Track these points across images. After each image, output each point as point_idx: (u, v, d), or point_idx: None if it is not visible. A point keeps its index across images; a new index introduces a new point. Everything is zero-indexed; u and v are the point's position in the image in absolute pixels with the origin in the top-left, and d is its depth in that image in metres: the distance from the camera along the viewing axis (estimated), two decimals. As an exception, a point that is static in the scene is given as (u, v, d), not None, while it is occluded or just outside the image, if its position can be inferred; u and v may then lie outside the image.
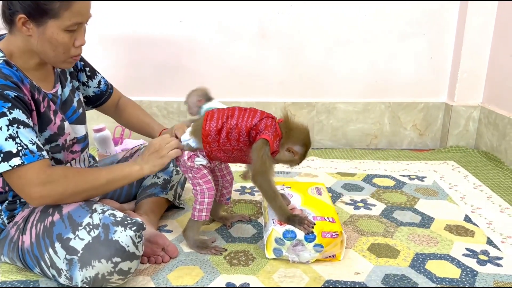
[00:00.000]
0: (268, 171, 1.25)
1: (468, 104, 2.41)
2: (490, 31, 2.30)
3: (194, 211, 1.35)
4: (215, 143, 1.28)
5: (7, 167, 1.07)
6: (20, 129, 1.09)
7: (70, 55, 1.19)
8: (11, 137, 1.07)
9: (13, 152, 1.07)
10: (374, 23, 2.36)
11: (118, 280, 1.11)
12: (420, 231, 1.51)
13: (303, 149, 1.27)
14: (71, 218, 1.13)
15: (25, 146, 1.09)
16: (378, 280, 1.24)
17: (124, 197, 1.61)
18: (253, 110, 1.31)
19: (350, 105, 2.48)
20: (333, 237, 1.28)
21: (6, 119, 1.07)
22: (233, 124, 1.27)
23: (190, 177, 1.34)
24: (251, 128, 1.26)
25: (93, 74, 1.50)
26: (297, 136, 1.27)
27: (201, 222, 1.37)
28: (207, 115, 1.30)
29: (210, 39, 2.40)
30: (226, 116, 1.29)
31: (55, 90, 1.28)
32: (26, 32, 1.13)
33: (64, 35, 1.14)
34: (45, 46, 1.15)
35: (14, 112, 1.08)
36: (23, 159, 1.08)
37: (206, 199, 1.33)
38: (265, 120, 1.27)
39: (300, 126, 1.29)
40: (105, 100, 1.55)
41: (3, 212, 1.25)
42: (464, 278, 1.25)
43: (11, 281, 1.24)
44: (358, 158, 2.32)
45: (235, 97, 2.48)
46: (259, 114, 1.29)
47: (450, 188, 1.89)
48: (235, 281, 1.24)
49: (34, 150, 1.10)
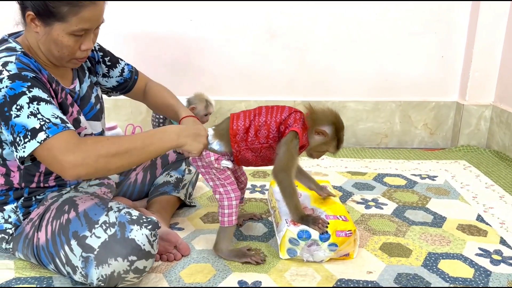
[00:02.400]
0: (291, 168, 1.24)
1: (480, 103, 2.40)
2: (502, 30, 2.28)
3: (223, 217, 1.30)
4: (243, 142, 1.27)
5: (36, 144, 1.04)
6: (41, 105, 1.07)
7: (75, 57, 1.18)
8: (32, 114, 1.05)
9: (36, 127, 1.04)
10: (384, 22, 2.35)
11: (134, 278, 1.12)
12: (432, 230, 1.51)
13: (331, 128, 1.25)
14: (87, 216, 1.14)
15: (48, 120, 1.06)
16: (391, 279, 1.24)
17: (136, 195, 1.62)
18: (280, 106, 1.31)
19: (360, 104, 2.47)
20: (347, 236, 1.28)
21: (26, 97, 1.06)
22: (262, 121, 1.27)
23: (212, 178, 1.30)
24: (281, 123, 1.26)
25: (115, 63, 1.45)
26: (322, 117, 1.26)
27: (233, 228, 1.32)
28: (233, 116, 1.30)
29: (219, 38, 2.40)
30: (254, 115, 1.28)
31: (73, 86, 1.29)
32: (34, 28, 1.13)
33: (69, 39, 1.12)
34: (50, 46, 1.14)
35: (34, 90, 1.07)
36: (48, 132, 1.04)
37: (234, 201, 1.30)
38: (294, 114, 1.27)
39: (324, 109, 1.28)
40: (131, 87, 1.50)
41: (19, 209, 1.26)
42: (478, 278, 1.24)
43: (25, 277, 1.26)
44: (369, 157, 2.31)
45: (244, 96, 2.49)
46: (288, 109, 1.29)
47: (462, 187, 1.88)
48: (247, 279, 1.24)
49: (58, 123, 1.06)
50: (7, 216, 1.26)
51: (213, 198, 1.79)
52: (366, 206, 1.70)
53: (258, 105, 2.43)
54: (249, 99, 2.48)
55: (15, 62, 1.09)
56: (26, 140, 1.04)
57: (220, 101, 2.48)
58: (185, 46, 2.42)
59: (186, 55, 2.44)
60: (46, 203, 1.25)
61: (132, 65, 1.52)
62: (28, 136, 1.04)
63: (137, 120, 2.50)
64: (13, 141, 1.07)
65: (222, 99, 2.48)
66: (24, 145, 1.05)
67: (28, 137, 1.04)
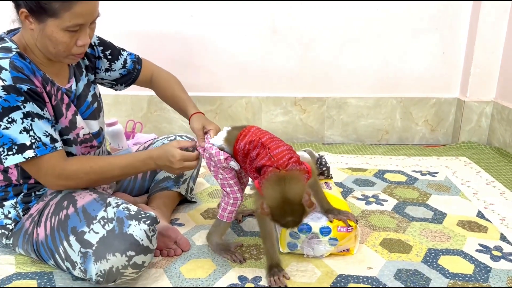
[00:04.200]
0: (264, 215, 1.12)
1: (481, 99, 2.39)
2: (504, 26, 2.27)
3: (224, 211, 1.31)
4: (243, 163, 1.26)
5: (21, 159, 1.10)
6: (35, 121, 1.10)
7: (72, 53, 1.17)
8: (25, 129, 1.09)
9: (26, 144, 1.09)
10: (386, 18, 2.34)
11: (132, 273, 1.12)
12: (433, 226, 1.51)
13: (268, 211, 1.07)
14: (86, 212, 1.14)
15: (39, 138, 1.11)
16: (391, 275, 1.24)
17: (137, 190, 1.62)
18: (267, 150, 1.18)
19: (361, 100, 2.47)
20: (348, 231, 1.29)
21: (21, 112, 1.08)
22: (251, 157, 1.22)
23: (221, 177, 1.30)
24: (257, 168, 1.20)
25: (117, 55, 1.44)
26: (268, 193, 1.09)
27: (227, 224, 1.34)
28: (241, 134, 1.26)
29: (220, 33, 2.40)
30: (253, 145, 1.22)
31: (69, 85, 1.28)
32: (28, 25, 1.12)
33: (64, 35, 1.11)
34: (45, 42, 1.13)
35: (28, 105, 1.09)
36: (36, 152, 1.10)
37: (239, 201, 1.31)
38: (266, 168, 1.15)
39: (276, 188, 1.08)
40: (135, 78, 1.50)
41: (19, 205, 1.26)
42: (478, 274, 1.24)
43: (26, 272, 1.26)
44: (369, 153, 2.31)
45: (246, 92, 2.48)
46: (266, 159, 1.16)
47: (462, 184, 1.88)
48: (247, 275, 1.24)
49: (47, 143, 1.12)
50: (7, 212, 1.26)
51: (213, 194, 1.79)
52: (366, 202, 1.70)
53: (259, 101, 2.48)
54: (250, 95, 2.48)
55: (10, 70, 1.08)
56: (10, 153, 1.10)
57: (221, 97, 2.48)
58: (186, 41, 2.41)
59: (187, 51, 2.43)
60: (46, 199, 1.25)
61: (136, 54, 1.50)
62: (13, 149, 1.10)
63: (138, 116, 2.50)
64: None
65: (223, 95, 2.48)
66: (6, 156, 1.10)
67: (13, 151, 1.10)
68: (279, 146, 1.20)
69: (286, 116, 2.50)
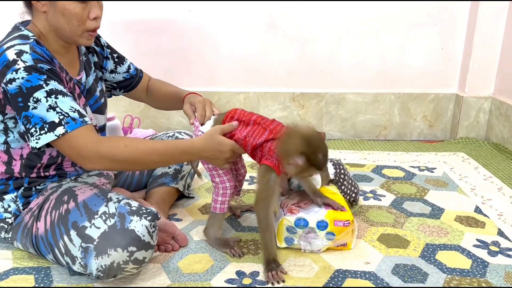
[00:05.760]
0: (266, 199, 1.20)
1: (479, 95, 2.39)
2: (502, 22, 2.27)
3: (216, 203, 1.33)
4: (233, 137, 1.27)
5: (53, 137, 1.08)
6: (59, 98, 1.10)
7: (86, 28, 1.19)
8: (51, 107, 1.08)
9: (55, 122, 1.08)
10: (384, 13, 2.34)
11: (133, 269, 1.12)
12: (430, 221, 1.51)
13: (302, 158, 1.13)
14: (87, 207, 1.14)
15: (66, 114, 1.09)
16: (388, 270, 1.24)
17: (134, 185, 1.62)
18: (263, 127, 1.24)
19: (359, 95, 2.47)
20: (345, 226, 1.29)
21: (44, 90, 1.08)
22: (242, 136, 1.25)
23: (210, 167, 1.31)
24: (256, 147, 1.23)
25: (122, 60, 1.48)
26: (291, 147, 1.14)
27: (222, 215, 1.35)
28: (229, 114, 1.29)
29: (218, 29, 2.39)
30: (241, 123, 1.26)
31: (80, 77, 1.29)
32: (41, 8, 1.15)
33: (75, 6, 1.14)
34: (59, 20, 1.15)
35: (51, 83, 1.10)
36: (66, 128, 1.08)
37: (228, 190, 1.32)
38: (270, 143, 1.21)
39: (298, 135, 1.15)
40: (136, 84, 1.53)
41: (19, 199, 1.26)
42: (475, 269, 1.25)
43: (23, 267, 1.26)
44: (367, 149, 2.31)
45: (244, 87, 2.48)
46: (267, 134, 1.22)
47: (460, 179, 1.88)
48: (245, 270, 1.24)
49: (76, 117, 1.10)
50: (7, 206, 1.26)
51: (211, 189, 1.79)
52: (364, 198, 1.70)
53: (257, 97, 2.47)
54: (248, 91, 2.48)
55: (30, 52, 1.11)
56: (43, 132, 1.08)
57: (218, 93, 2.47)
58: (184, 37, 2.40)
59: (185, 47, 2.42)
60: (46, 193, 1.25)
61: (136, 66, 1.56)
62: (45, 128, 1.08)
63: (136, 112, 2.49)
64: (26, 131, 1.10)
65: (221, 91, 2.47)
66: (39, 136, 1.08)
67: (45, 129, 1.08)
68: (272, 121, 1.26)
69: (284, 111, 2.50)
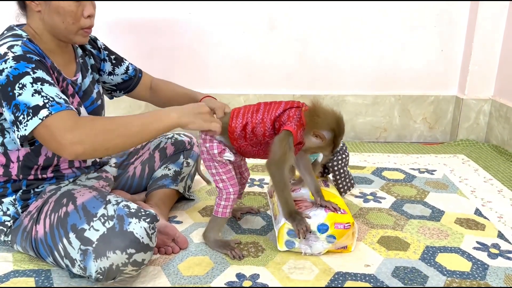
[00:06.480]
0: (284, 162, 1.22)
1: (479, 97, 2.39)
2: (502, 24, 2.27)
3: (218, 207, 1.33)
4: (241, 139, 1.28)
5: (37, 121, 1.04)
6: (45, 85, 1.09)
7: (81, 26, 1.19)
8: (36, 91, 1.07)
9: (39, 105, 1.06)
10: (384, 15, 2.34)
11: (132, 271, 1.12)
12: (430, 224, 1.51)
13: (330, 134, 1.21)
14: (86, 209, 1.14)
15: (52, 98, 1.07)
16: (388, 273, 1.24)
17: (134, 188, 1.62)
18: (278, 102, 1.29)
19: (359, 97, 2.47)
20: (345, 228, 1.29)
21: (30, 77, 1.08)
22: (259, 119, 1.26)
23: (214, 173, 1.31)
24: (275, 120, 1.25)
25: (120, 61, 1.49)
26: (323, 121, 1.21)
27: (224, 220, 1.35)
28: (233, 112, 1.30)
29: (219, 31, 2.39)
30: (252, 112, 1.28)
31: (75, 78, 1.30)
32: (35, 7, 1.16)
33: (69, 4, 1.15)
34: (54, 19, 1.16)
35: (38, 72, 1.10)
36: (50, 110, 1.05)
37: (232, 195, 1.32)
38: (288, 111, 1.25)
39: (328, 111, 1.24)
40: (135, 85, 1.53)
41: (17, 202, 1.26)
42: (475, 271, 1.25)
43: (24, 270, 1.26)
44: (367, 151, 2.31)
45: (243, 89, 2.48)
46: (283, 105, 1.26)
47: (460, 181, 1.88)
48: (245, 272, 1.24)
49: (62, 102, 1.08)
50: (6, 209, 1.26)
51: (211, 191, 1.79)
52: (364, 200, 1.70)
53: (257, 99, 2.47)
54: (248, 93, 2.48)
55: (21, 45, 1.12)
56: (29, 118, 1.06)
57: (219, 95, 2.46)
58: (184, 38, 2.41)
59: (185, 48, 2.42)
60: (45, 196, 1.25)
61: (135, 65, 1.55)
62: (30, 113, 1.05)
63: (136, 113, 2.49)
64: (15, 120, 1.07)
65: (221, 93, 2.47)
66: (26, 123, 1.06)
67: (31, 115, 1.05)
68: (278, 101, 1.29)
69: (285, 113, 2.50)
